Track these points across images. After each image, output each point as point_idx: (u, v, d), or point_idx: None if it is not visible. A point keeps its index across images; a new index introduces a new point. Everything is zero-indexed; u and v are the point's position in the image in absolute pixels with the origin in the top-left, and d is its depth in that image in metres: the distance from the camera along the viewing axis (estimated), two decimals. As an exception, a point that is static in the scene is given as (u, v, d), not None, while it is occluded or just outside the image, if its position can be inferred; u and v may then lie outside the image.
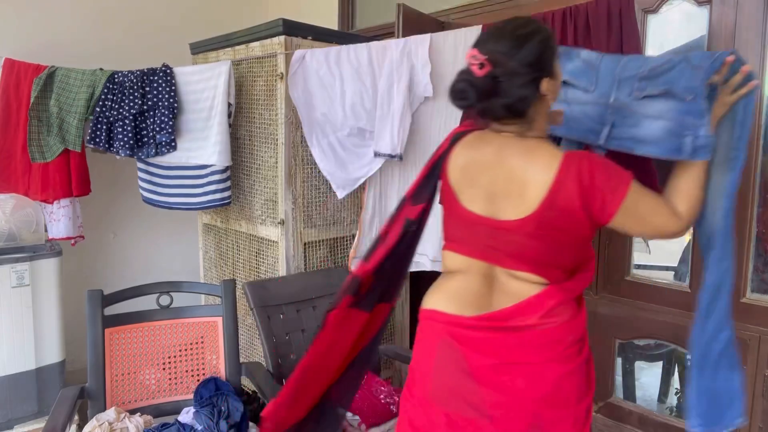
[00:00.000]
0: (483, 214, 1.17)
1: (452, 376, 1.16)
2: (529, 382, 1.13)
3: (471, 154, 1.21)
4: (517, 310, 1.15)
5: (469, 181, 1.20)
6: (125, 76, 2.37)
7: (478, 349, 1.15)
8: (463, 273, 1.21)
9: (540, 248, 1.14)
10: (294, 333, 2.02)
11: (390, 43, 2.02)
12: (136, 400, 1.79)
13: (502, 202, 1.15)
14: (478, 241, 1.19)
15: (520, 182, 1.13)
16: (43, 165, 2.44)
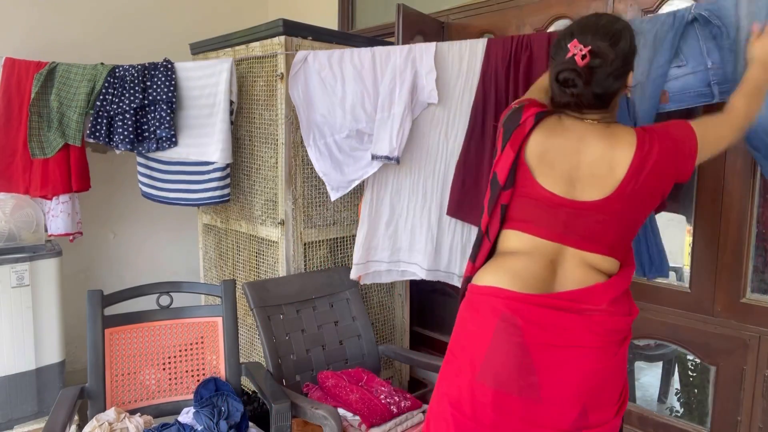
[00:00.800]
0: (564, 195, 1.19)
1: (509, 354, 1.16)
2: (586, 369, 1.16)
3: (551, 139, 1.22)
4: (586, 293, 1.18)
5: (549, 164, 1.21)
6: (126, 71, 2.37)
7: (541, 326, 1.16)
8: (527, 254, 1.21)
9: (617, 228, 1.21)
10: (294, 333, 2.02)
11: (394, 49, 2.02)
12: (136, 400, 1.79)
13: (584, 185, 1.19)
14: (555, 222, 1.20)
15: (608, 166, 1.18)
16: (43, 161, 2.44)
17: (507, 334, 1.16)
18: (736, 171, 1.79)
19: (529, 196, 1.22)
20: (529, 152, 1.22)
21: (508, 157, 1.23)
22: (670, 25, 1.50)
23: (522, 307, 1.17)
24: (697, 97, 1.51)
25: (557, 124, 1.24)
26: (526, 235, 1.22)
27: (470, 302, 1.25)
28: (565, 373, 1.15)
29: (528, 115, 1.23)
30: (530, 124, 1.22)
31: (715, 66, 1.46)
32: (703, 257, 1.89)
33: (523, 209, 1.24)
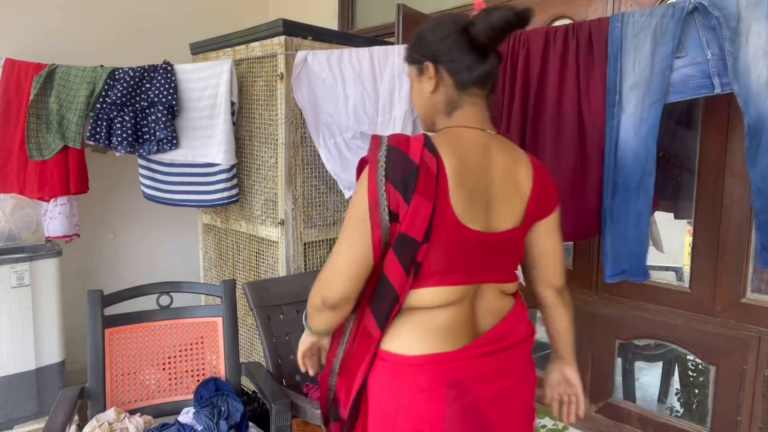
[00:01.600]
0: (484, 230, 1.04)
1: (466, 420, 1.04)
2: (529, 396, 1.14)
3: (462, 159, 1.02)
4: (505, 326, 1.11)
5: (470, 193, 1.02)
6: (126, 73, 2.37)
7: (486, 376, 1.07)
8: (448, 305, 1.05)
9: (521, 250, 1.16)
10: (294, 333, 2.02)
11: (392, 49, 2.02)
12: (136, 400, 1.79)
13: (498, 207, 1.07)
14: (478, 263, 1.06)
15: (513, 183, 1.08)
16: (40, 162, 2.43)
17: (459, 400, 1.03)
18: (736, 171, 1.79)
19: (451, 244, 1.02)
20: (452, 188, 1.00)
21: (421, 208, 0.98)
22: (670, 16, 1.50)
23: (463, 365, 1.04)
24: (698, 88, 1.51)
25: (457, 139, 1.06)
26: (451, 288, 1.04)
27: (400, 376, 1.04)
28: (516, 411, 1.11)
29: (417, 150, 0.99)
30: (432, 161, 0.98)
31: (715, 57, 1.46)
32: (703, 257, 1.88)
33: (442, 260, 1.02)
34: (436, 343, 1.04)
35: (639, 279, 1.64)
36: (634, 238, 1.62)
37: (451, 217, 1.00)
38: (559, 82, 1.71)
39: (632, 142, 1.60)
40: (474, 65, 1.06)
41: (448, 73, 1.08)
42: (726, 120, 1.79)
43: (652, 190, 1.59)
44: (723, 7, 1.43)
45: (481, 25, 1.01)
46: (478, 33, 1.02)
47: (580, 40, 1.67)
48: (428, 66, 1.09)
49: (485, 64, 1.06)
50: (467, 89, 1.08)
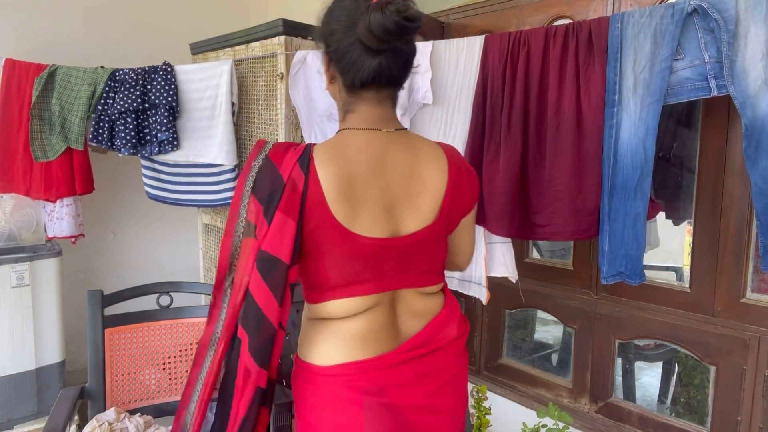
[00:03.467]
0: (386, 235, 0.97)
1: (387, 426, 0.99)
2: (455, 394, 1.09)
3: (346, 167, 0.95)
4: (433, 329, 1.05)
5: (359, 200, 0.95)
6: (126, 74, 2.38)
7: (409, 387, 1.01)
8: (364, 313, 0.99)
9: (443, 249, 1.08)
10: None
11: None
12: (136, 400, 1.79)
13: (402, 210, 0.99)
14: (386, 270, 0.99)
15: (419, 178, 1.00)
16: (45, 164, 2.44)
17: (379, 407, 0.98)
18: (736, 171, 1.79)
19: (347, 253, 0.96)
20: (330, 198, 0.93)
21: (287, 227, 0.92)
22: (670, 17, 1.50)
23: (383, 374, 0.98)
24: (695, 90, 1.51)
25: (343, 144, 0.98)
26: (356, 299, 0.98)
27: (319, 387, 1.00)
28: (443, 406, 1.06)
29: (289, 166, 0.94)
30: (300, 177, 0.93)
31: (712, 60, 1.46)
32: (703, 257, 1.88)
33: (343, 271, 0.97)
34: (352, 352, 0.98)
35: (635, 281, 1.64)
36: (631, 239, 1.62)
37: (336, 228, 0.94)
38: (558, 82, 1.71)
39: (631, 142, 1.60)
40: (357, 65, 0.94)
41: (338, 73, 0.98)
42: (726, 120, 1.79)
43: (649, 191, 1.59)
44: (722, 9, 1.43)
45: (361, 25, 0.91)
46: (359, 32, 0.92)
47: (579, 40, 1.67)
48: (324, 57, 1.01)
49: (371, 62, 0.94)
50: (359, 91, 0.98)
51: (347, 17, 0.94)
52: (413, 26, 0.90)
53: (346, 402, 0.97)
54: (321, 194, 0.93)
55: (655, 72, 1.54)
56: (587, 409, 2.20)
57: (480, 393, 1.98)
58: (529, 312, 2.53)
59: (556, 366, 2.45)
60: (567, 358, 2.31)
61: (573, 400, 2.25)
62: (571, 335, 2.27)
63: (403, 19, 0.88)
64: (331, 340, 1.00)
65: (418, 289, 1.04)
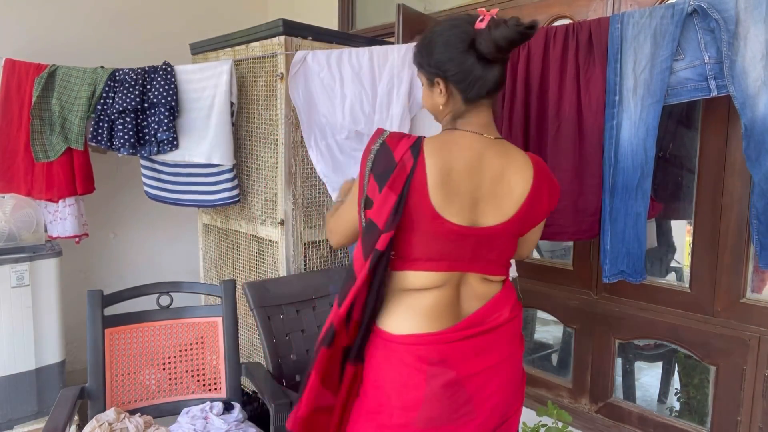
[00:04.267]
0: (468, 224, 1.13)
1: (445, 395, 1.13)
2: (508, 375, 1.22)
3: (449, 160, 1.11)
4: (489, 308, 1.19)
5: (453, 191, 1.11)
6: (126, 74, 2.38)
7: (467, 356, 1.15)
8: (434, 289, 1.15)
9: (512, 246, 1.23)
10: (294, 333, 2.02)
11: (392, 49, 2.02)
12: (136, 400, 1.79)
13: (485, 206, 1.14)
14: (462, 253, 1.14)
15: (507, 184, 1.15)
16: (46, 164, 2.44)
17: (440, 377, 1.12)
18: (736, 171, 1.79)
19: (434, 233, 1.12)
20: (430, 186, 1.09)
21: (388, 200, 1.09)
22: (670, 18, 1.50)
23: (445, 347, 1.14)
24: (694, 91, 1.52)
25: (450, 141, 1.15)
26: (434, 273, 1.14)
27: (390, 351, 1.16)
28: (495, 387, 1.19)
29: (402, 150, 1.11)
30: (410, 160, 1.10)
31: (712, 60, 1.46)
32: (703, 257, 1.88)
33: (426, 247, 1.13)
34: (421, 324, 1.14)
35: (636, 279, 1.65)
36: (632, 238, 1.62)
37: (429, 209, 1.10)
38: (559, 83, 1.71)
39: (631, 142, 1.61)
40: (481, 79, 1.12)
41: (458, 90, 1.14)
42: (726, 120, 1.79)
43: (649, 191, 1.59)
44: (722, 9, 1.43)
45: (485, 44, 1.07)
46: (484, 50, 1.08)
47: (579, 41, 1.67)
48: (438, 82, 1.16)
49: (492, 74, 1.12)
50: (475, 102, 1.15)
51: (461, 42, 1.11)
52: (533, 33, 1.08)
53: (412, 367, 1.13)
54: (424, 179, 1.09)
55: (655, 72, 1.54)
56: (587, 409, 2.20)
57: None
58: (529, 312, 2.53)
59: (556, 366, 2.45)
60: (567, 359, 2.31)
61: (573, 400, 2.25)
62: (571, 335, 2.27)
63: (525, 28, 1.06)
64: (406, 312, 1.16)
65: (483, 275, 1.18)
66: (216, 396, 1.87)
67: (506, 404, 1.22)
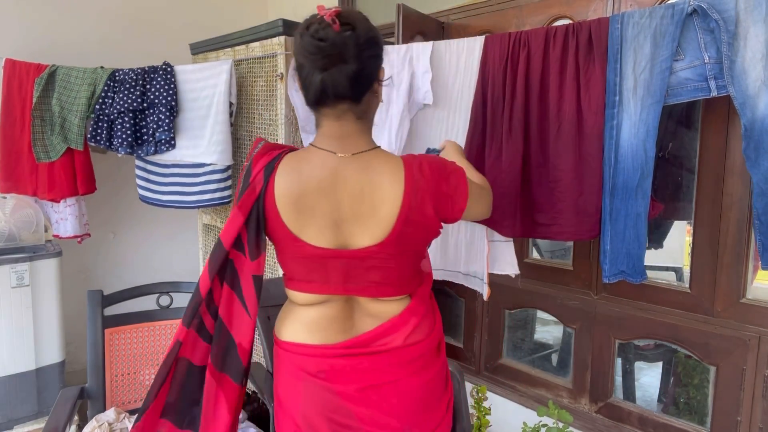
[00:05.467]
0: (333, 246, 1.06)
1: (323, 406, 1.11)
2: (399, 398, 1.13)
3: (300, 182, 1.04)
4: (381, 332, 1.12)
5: (307, 213, 1.05)
6: (126, 74, 2.38)
7: (344, 376, 1.11)
8: (319, 304, 1.13)
9: (401, 265, 1.11)
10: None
11: (391, 48, 2.02)
12: (136, 400, 1.79)
13: (351, 227, 1.06)
14: (333, 277, 1.09)
15: (370, 202, 1.04)
16: (48, 164, 2.45)
17: (315, 388, 1.11)
18: (736, 171, 1.79)
19: (298, 256, 1.09)
20: (280, 207, 1.05)
21: (236, 220, 1.07)
22: (670, 18, 1.50)
23: (321, 362, 1.11)
24: (694, 91, 1.52)
25: (303, 159, 1.07)
26: (310, 295, 1.12)
27: (279, 357, 1.19)
28: (385, 406, 1.12)
29: (257, 170, 1.06)
30: (260, 183, 1.05)
31: (712, 60, 1.46)
32: (703, 257, 1.88)
33: (296, 268, 1.11)
34: (304, 335, 1.14)
35: (637, 280, 1.64)
36: (632, 239, 1.62)
37: (284, 231, 1.07)
38: (559, 83, 1.71)
39: (632, 143, 1.60)
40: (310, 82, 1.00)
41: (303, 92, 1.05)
42: (725, 120, 1.79)
43: (650, 192, 1.59)
44: (722, 9, 1.43)
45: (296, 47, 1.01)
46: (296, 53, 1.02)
47: (579, 41, 1.67)
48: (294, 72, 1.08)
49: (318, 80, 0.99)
50: (318, 109, 1.05)
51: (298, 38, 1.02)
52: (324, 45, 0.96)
53: (291, 375, 1.15)
54: (274, 201, 1.06)
55: (656, 73, 1.54)
56: (587, 410, 2.20)
57: (480, 393, 1.98)
58: (529, 312, 2.53)
59: (556, 366, 2.45)
60: (567, 359, 2.31)
61: (573, 401, 2.25)
62: (570, 335, 2.27)
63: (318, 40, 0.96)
64: (291, 321, 1.17)
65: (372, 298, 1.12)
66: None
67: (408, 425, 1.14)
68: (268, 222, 1.08)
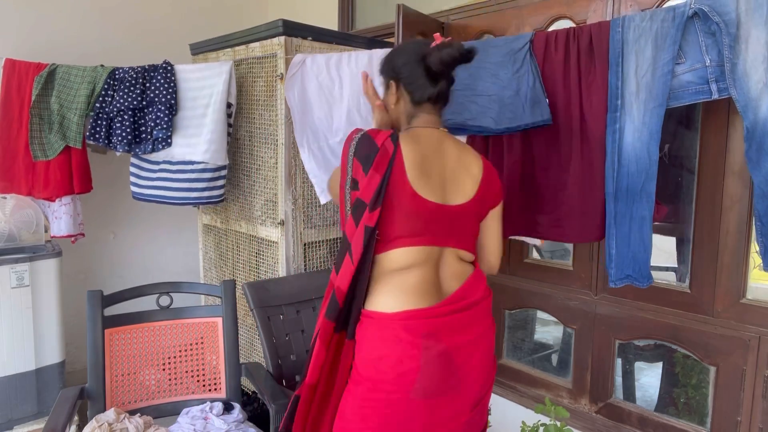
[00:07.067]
0: (440, 202, 1.30)
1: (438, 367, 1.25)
2: (486, 353, 1.36)
3: (420, 148, 1.30)
4: (466, 288, 1.34)
5: (426, 173, 1.29)
6: (126, 72, 2.37)
7: (454, 330, 1.28)
8: (418, 266, 1.28)
9: (476, 225, 1.41)
10: (294, 333, 2.02)
11: None
12: (136, 400, 1.79)
13: (451, 186, 1.32)
14: (437, 228, 1.30)
15: (464, 165, 1.36)
16: (45, 163, 2.44)
17: (433, 349, 1.24)
18: (736, 171, 1.79)
19: (413, 210, 1.27)
20: (408, 168, 1.27)
21: (374, 180, 1.25)
22: (671, 21, 1.50)
23: (435, 321, 1.26)
24: (696, 94, 1.52)
25: (416, 134, 1.34)
26: (416, 248, 1.28)
27: (383, 329, 1.27)
28: (476, 361, 1.32)
29: (382, 139, 1.27)
30: (390, 146, 1.26)
31: (713, 63, 1.46)
32: (703, 257, 1.89)
33: (407, 224, 1.28)
34: (410, 301, 1.26)
35: (643, 284, 1.64)
36: (637, 242, 1.62)
37: (408, 188, 1.26)
38: (561, 87, 1.71)
39: (635, 146, 1.60)
40: (427, 87, 1.34)
41: (407, 91, 1.37)
42: (725, 121, 1.79)
43: (654, 195, 1.59)
44: (723, 12, 1.42)
45: (434, 58, 1.30)
46: (432, 63, 1.31)
47: (581, 45, 1.67)
48: (392, 84, 1.40)
49: (436, 86, 1.34)
50: (421, 105, 1.37)
51: (415, 54, 1.35)
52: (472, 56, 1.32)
53: (406, 342, 1.23)
54: (402, 162, 1.26)
55: (657, 76, 1.54)
56: (587, 410, 2.20)
57: (480, 393, 1.97)
58: (529, 312, 2.53)
59: (556, 366, 2.45)
60: (567, 359, 2.31)
61: (573, 401, 2.25)
62: (571, 336, 2.27)
63: (465, 51, 1.31)
64: (392, 291, 1.28)
65: (457, 251, 1.34)
66: (216, 396, 1.87)
67: (483, 380, 1.36)
68: (392, 181, 1.25)
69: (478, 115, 1.79)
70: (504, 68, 1.77)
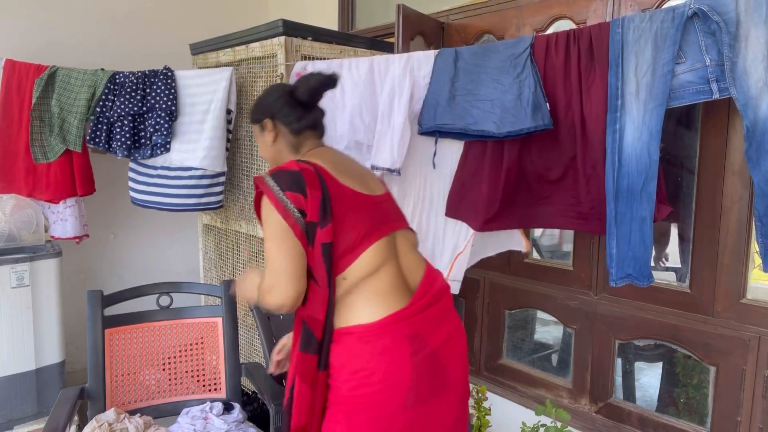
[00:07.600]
0: (371, 194, 1.33)
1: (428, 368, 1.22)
2: (463, 348, 1.35)
3: (327, 157, 1.34)
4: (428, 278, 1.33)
5: (347, 174, 1.32)
6: (126, 77, 2.38)
7: (432, 329, 1.26)
8: (384, 264, 1.26)
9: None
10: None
11: (393, 58, 2.01)
12: (136, 400, 1.79)
13: (368, 182, 1.36)
14: (382, 216, 1.32)
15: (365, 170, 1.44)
16: (46, 165, 2.44)
17: (421, 352, 1.21)
18: (735, 171, 1.79)
19: (358, 208, 1.27)
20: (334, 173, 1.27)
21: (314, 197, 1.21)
22: (670, 22, 1.50)
23: (415, 320, 1.24)
24: (696, 94, 1.52)
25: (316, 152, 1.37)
26: (376, 245, 1.24)
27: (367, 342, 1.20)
28: (458, 357, 1.31)
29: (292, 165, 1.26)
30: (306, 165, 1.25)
31: (713, 63, 1.46)
32: (703, 257, 1.89)
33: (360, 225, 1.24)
34: (388, 304, 1.23)
35: (643, 283, 1.64)
36: (638, 242, 1.62)
37: (346, 189, 1.27)
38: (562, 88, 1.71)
39: (635, 146, 1.60)
40: (303, 115, 1.38)
41: (284, 124, 1.38)
42: (725, 121, 1.79)
43: (654, 195, 1.59)
44: (723, 12, 1.42)
45: (302, 89, 1.36)
46: (300, 94, 1.36)
47: (581, 47, 1.67)
48: (266, 122, 1.40)
49: (312, 113, 1.39)
50: (302, 133, 1.39)
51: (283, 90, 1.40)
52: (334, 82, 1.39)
53: (395, 352, 1.19)
54: (326, 170, 1.26)
55: (657, 76, 1.54)
56: (587, 410, 2.20)
57: (480, 393, 1.98)
58: (529, 312, 2.53)
59: (556, 366, 2.45)
60: (567, 359, 2.31)
61: (573, 401, 2.25)
62: (571, 335, 2.27)
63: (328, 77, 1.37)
64: (370, 298, 1.23)
65: (406, 233, 1.36)
66: (216, 396, 1.87)
67: (465, 373, 1.34)
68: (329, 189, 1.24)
69: (480, 120, 1.78)
70: (505, 73, 1.76)
